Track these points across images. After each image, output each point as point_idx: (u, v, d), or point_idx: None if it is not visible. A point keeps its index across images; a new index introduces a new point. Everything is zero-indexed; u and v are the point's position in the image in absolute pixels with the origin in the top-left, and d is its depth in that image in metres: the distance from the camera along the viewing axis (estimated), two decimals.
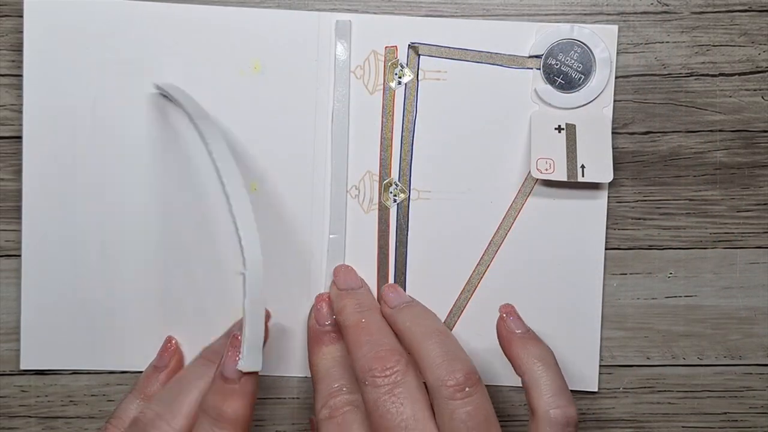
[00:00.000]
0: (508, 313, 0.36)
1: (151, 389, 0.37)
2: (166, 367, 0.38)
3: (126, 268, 0.38)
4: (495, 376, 0.39)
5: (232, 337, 0.33)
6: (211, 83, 0.38)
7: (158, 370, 0.38)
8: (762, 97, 0.39)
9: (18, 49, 0.38)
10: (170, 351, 0.38)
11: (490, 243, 0.39)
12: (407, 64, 0.39)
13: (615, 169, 0.38)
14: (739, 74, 0.39)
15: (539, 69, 0.38)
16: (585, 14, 0.39)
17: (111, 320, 0.39)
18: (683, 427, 0.40)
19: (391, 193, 0.39)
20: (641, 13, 0.39)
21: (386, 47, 0.39)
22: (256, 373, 0.32)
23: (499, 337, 0.36)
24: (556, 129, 0.38)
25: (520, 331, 0.35)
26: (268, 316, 0.38)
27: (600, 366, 0.39)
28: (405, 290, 0.39)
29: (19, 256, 0.38)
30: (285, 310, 0.39)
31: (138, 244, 0.38)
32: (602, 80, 0.38)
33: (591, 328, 0.39)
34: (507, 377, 0.39)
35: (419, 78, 0.39)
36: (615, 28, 0.38)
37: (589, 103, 0.38)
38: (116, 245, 0.38)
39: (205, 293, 0.39)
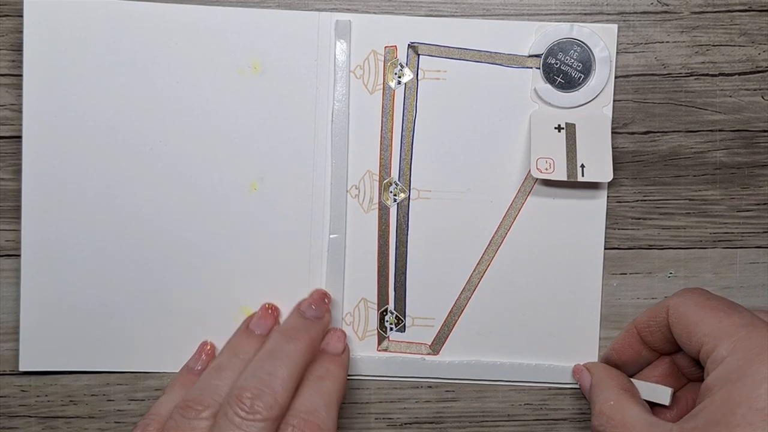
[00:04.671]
0: None
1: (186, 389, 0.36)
2: (202, 370, 0.37)
3: (125, 268, 0.38)
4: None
5: (336, 329, 0.38)
6: (211, 83, 0.38)
7: (192, 372, 0.37)
8: (762, 97, 0.39)
9: (18, 49, 0.38)
10: (209, 354, 0.38)
11: (490, 242, 0.39)
12: (407, 64, 0.39)
13: (615, 168, 0.38)
14: (739, 74, 0.39)
15: (539, 68, 0.38)
16: (585, 14, 0.39)
17: (110, 320, 0.39)
18: None
19: (391, 192, 0.39)
20: (641, 12, 0.39)
21: (386, 47, 0.39)
22: (347, 348, 0.38)
23: None
24: (555, 128, 0.38)
25: None
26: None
27: None
28: (405, 290, 0.39)
29: (19, 256, 0.38)
30: (284, 309, 0.39)
31: (137, 244, 0.38)
32: (602, 79, 0.38)
33: (590, 328, 0.39)
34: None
35: (419, 78, 0.39)
36: (615, 27, 0.38)
37: (589, 102, 0.38)
38: (116, 245, 0.38)
39: (204, 293, 0.39)
